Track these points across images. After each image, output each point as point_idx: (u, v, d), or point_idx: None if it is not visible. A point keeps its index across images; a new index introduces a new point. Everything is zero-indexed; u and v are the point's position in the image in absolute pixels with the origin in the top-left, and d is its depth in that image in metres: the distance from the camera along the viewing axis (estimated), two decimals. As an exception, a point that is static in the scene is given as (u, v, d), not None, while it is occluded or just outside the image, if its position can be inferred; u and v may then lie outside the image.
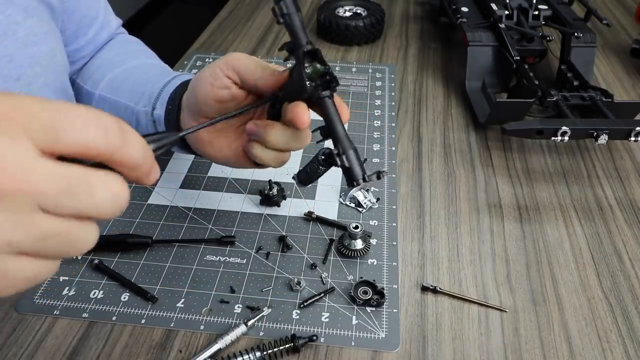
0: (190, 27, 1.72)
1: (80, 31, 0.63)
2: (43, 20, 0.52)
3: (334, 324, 0.50)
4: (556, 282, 0.55)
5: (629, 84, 0.89)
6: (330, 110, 0.41)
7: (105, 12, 0.67)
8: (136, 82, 0.60)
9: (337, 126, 0.41)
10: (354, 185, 0.40)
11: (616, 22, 1.09)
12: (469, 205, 0.64)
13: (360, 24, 0.95)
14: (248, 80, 0.46)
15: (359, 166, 0.40)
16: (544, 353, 0.49)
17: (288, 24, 0.40)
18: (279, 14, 0.40)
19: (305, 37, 0.40)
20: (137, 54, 0.67)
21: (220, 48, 0.96)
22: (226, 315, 0.51)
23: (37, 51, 0.50)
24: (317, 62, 0.40)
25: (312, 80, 0.40)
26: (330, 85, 0.40)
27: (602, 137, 0.64)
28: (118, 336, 0.49)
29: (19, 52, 0.48)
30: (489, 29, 0.85)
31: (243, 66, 0.46)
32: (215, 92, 0.47)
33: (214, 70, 0.46)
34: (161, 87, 0.56)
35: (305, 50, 0.40)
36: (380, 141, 0.73)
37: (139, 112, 0.58)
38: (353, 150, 0.41)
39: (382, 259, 0.56)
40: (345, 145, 0.41)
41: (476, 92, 0.81)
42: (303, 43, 0.40)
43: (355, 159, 0.41)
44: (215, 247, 0.57)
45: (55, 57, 0.54)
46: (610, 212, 0.63)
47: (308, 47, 0.40)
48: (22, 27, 0.49)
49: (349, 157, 0.40)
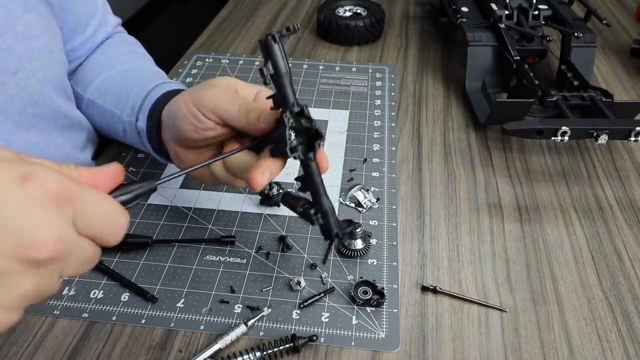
0: (190, 27, 1.72)
1: (77, 30, 0.63)
2: (42, 16, 0.52)
3: (334, 324, 0.50)
4: (556, 282, 0.55)
5: (629, 84, 0.89)
6: (313, 172, 0.42)
7: (103, 12, 0.67)
8: (122, 89, 0.60)
9: (318, 187, 0.42)
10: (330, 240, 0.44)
11: (616, 22, 1.09)
12: (469, 205, 0.64)
13: (360, 24, 0.95)
14: (235, 126, 0.45)
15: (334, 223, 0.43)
16: (544, 353, 0.49)
17: (275, 84, 0.40)
18: (266, 75, 0.39)
19: (293, 97, 0.40)
20: (129, 56, 0.66)
21: (220, 48, 0.96)
22: (226, 315, 0.51)
23: (36, 46, 0.50)
24: (304, 118, 0.40)
25: (298, 134, 0.41)
26: (313, 144, 0.41)
27: (602, 137, 0.64)
28: (118, 336, 0.49)
29: (17, 46, 0.48)
30: (489, 29, 0.85)
31: (224, 112, 0.44)
32: (200, 133, 0.46)
33: (196, 115, 0.45)
34: (142, 99, 0.56)
35: (293, 112, 0.40)
36: (380, 141, 0.73)
37: (124, 122, 0.58)
38: (330, 209, 0.43)
39: (382, 259, 0.56)
40: (322, 206, 0.42)
41: (476, 92, 0.81)
42: (290, 104, 0.40)
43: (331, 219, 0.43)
44: (215, 247, 0.57)
45: (53, 53, 0.54)
46: (610, 212, 0.63)
47: (296, 109, 0.40)
48: (22, 21, 0.49)
49: (326, 217, 0.42)
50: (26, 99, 0.51)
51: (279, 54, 0.39)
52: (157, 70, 0.66)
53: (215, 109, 0.44)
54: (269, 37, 0.38)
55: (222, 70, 0.89)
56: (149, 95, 0.56)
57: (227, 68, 0.90)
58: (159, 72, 0.65)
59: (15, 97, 0.50)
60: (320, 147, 0.41)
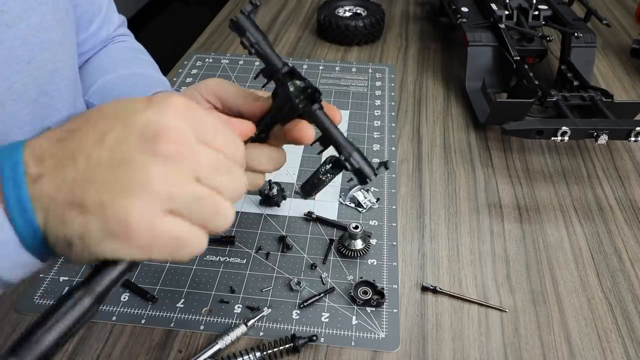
0: (190, 27, 1.72)
1: (81, 26, 0.63)
2: (56, 9, 0.53)
3: (334, 324, 0.50)
4: (556, 282, 0.55)
5: (629, 84, 0.89)
6: (325, 121, 0.42)
7: (107, 9, 0.67)
8: (122, 93, 0.60)
9: (336, 134, 0.42)
10: (367, 182, 0.42)
11: (616, 22, 1.09)
12: (469, 205, 0.64)
13: (360, 24, 0.95)
14: (231, 105, 0.46)
15: (367, 165, 0.42)
16: (544, 353, 0.49)
17: (259, 53, 0.41)
18: (248, 45, 0.41)
19: (280, 60, 0.41)
20: (131, 62, 0.66)
21: (220, 48, 0.96)
22: (226, 315, 0.51)
23: (47, 38, 0.51)
24: (296, 79, 0.41)
25: (297, 97, 0.41)
26: (315, 97, 0.41)
27: (602, 137, 0.64)
28: (118, 336, 0.49)
29: (31, 37, 0.49)
30: (489, 29, 0.85)
31: (224, 91, 0.46)
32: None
33: (193, 94, 0.46)
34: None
35: (283, 72, 0.41)
36: (380, 141, 0.73)
37: None
38: (357, 151, 0.42)
39: (382, 259, 0.56)
40: (348, 149, 0.41)
41: (476, 92, 0.81)
42: (279, 66, 0.41)
43: (362, 159, 0.41)
44: (215, 247, 0.57)
45: (64, 46, 0.55)
46: (610, 212, 0.63)
47: (285, 69, 0.41)
48: (36, 14, 0.50)
49: (356, 159, 0.41)
50: (38, 89, 0.52)
51: (250, 26, 0.41)
52: (161, 78, 0.66)
53: (215, 87, 0.46)
54: (240, 15, 0.41)
55: (222, 70, 0.89)
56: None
57: (227, 68, 0.90)
58: (163, 80, 0.65)
59: (30, 86, 0.51)
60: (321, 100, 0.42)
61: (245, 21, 0.41)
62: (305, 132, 0.42)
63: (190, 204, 0.31)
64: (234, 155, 0.34)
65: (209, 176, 0.32)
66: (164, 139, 0.30)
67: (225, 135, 0.34)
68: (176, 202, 0.30)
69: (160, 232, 0.30)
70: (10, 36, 0.47)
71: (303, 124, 0.42)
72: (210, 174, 0.32)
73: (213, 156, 0.32)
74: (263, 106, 0.44)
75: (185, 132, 0.31)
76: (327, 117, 0.42)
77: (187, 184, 0.31)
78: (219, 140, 0.33)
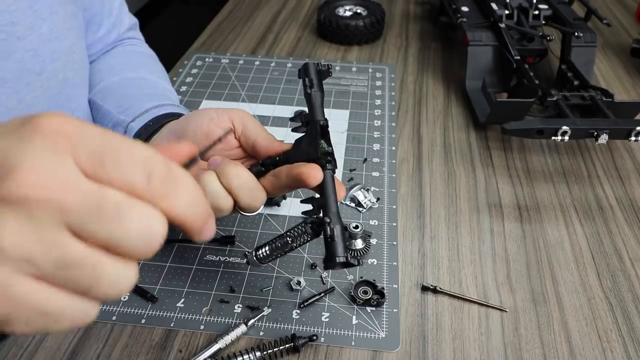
0: (190, 27, 1.72)
1: (89, 29, 0.63)
2: (67, 17, 0.53)
3: (334, 324, 0.50)
4: (556, 282, 0.55)
5: (629, 84, 0.89)
6: (330, 184, 0.43)
7: (119, 12, 0.67)
8: (126, 95, 0.59)
9: (334, 201, 0.42)
10: (333, 262, 0.39)
11: (616, 22, 1.09)
12: (469, 205, 0.64)
13: (360, 23, 0.95)
14: (249, 135, 0.46)
15: (343, 246, 0.40)
16: (544, 353, 0.48)
17: (310, 97, 0.45)
18: (308, 86, 0.45)
19: (322, 115, 0.45)
20: (139, 66, 0.66)
21: (220, 48, 0.96)
22: (226, 315, 0.51)
23: (59, 47, 0.51)
24: (324, 142, 0.44)
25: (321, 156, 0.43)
26: (332, 165, 0.43)
27: (602, 137, 0.63)
28: (118, 336, 0.49)
29: (42, 47, 0.49)
30: (489, 29, 0.85)
31: (249, 120, 0.47)
32: (209, 126, 0.46)
33: (220, 112, 0.47)
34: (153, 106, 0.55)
35: (322, 124, 0.44)
36: (380, 141, 0.73)
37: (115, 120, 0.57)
38: (342, 227, 0.41)
39: (382, 259, 0.56)
40: (338, 219, 0.41)
41: (476, 91, 0.81)
42: (320, 117, 0.44)
43: (342, 237, 0.40)
44: (215, 247, 0.57)
45: (75, 54, 0.54)
46: (611, 212, 0.63)
47: (324, 122, 0.44)
48: (47, 23, 0.49)
49: (338, 232, 0.40)
50: (49, 100, 0.51)
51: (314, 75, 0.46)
52: (168, 88, 0.65)
53: (243, 116, 0.47)
54: (312, 62, 0.47)
55: (222, 70, 0.89)
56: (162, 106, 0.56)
57: (227, 68, 0.90)
58: (170, 90, 0.65)
59: (41, 98, 0.50)
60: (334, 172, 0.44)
61: (313, 68, 0.46)
62: (315, 172, 0.42)
63: (59, 268, 0.23)
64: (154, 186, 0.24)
65: (94, 228, 0.23)
66: (17, 179, 0.22)
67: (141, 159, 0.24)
68: (38, 266, 0.22)
69: (21, 301, 0.22)
70: (20, 48, 0.46)
71: (315, 165, 0.42)
72: (95, 224, 0.23)
73: (104, 196, 0.23)
74: (282, 148, 0.45)
75: (54, 167, 0.22)
76: (332, 183, 0.43)
77: (51, 242, 0.22)
78: (125, 169, 0.24)
